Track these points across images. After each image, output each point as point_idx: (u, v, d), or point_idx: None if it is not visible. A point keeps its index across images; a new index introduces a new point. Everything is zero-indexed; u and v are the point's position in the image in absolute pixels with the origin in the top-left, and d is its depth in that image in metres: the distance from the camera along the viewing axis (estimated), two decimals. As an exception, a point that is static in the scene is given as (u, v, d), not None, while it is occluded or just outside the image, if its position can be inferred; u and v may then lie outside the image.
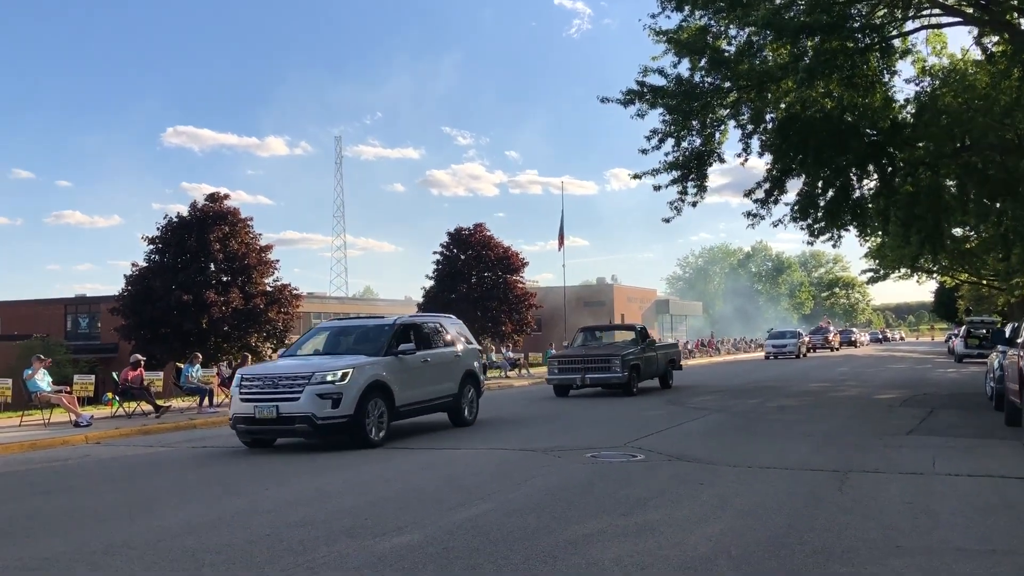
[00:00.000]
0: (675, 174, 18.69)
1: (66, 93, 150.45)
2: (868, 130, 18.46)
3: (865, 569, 5.25)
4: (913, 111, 19.76)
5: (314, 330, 14.82)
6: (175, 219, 34.56)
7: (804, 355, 49.85)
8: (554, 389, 21.17)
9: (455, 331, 15.26)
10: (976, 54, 19.07)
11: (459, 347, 14.90)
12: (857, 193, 20.38)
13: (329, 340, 13.88)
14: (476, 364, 15.34)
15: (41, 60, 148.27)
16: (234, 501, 8.15)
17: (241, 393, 12.06)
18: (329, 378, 11.62)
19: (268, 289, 35.03)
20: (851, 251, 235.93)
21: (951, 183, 22.23)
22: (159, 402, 18.23)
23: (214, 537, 6.55)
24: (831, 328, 70.03)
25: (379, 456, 11.16)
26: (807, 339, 59.33)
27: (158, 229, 34.50)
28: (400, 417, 12.91)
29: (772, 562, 5.44)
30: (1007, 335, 13.31)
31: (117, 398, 18.30)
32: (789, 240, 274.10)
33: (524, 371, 36.66)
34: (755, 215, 19.69)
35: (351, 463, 10.59)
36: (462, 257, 48.65)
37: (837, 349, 64.14)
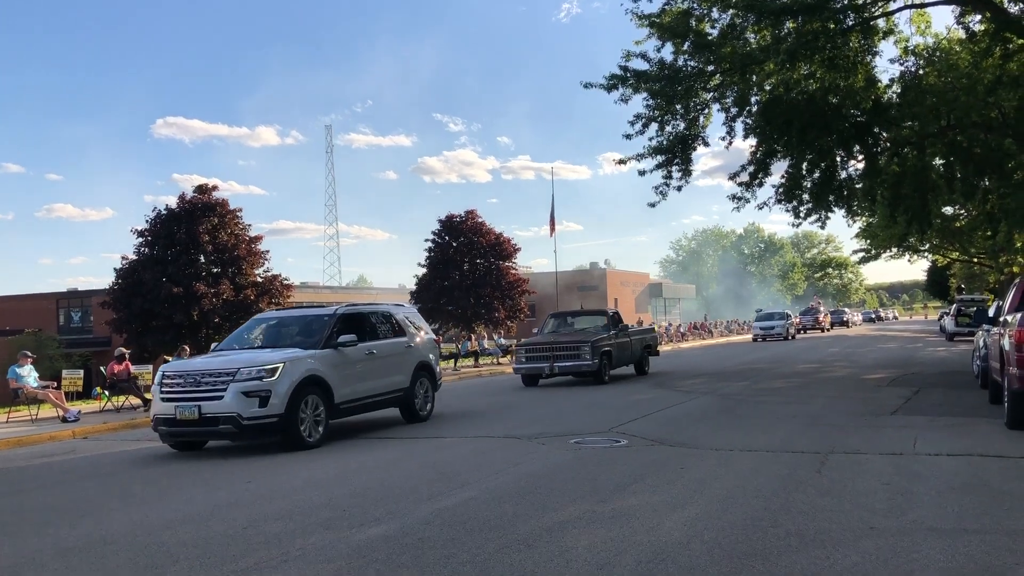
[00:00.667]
0: (660, 159, 18.67)
1: (53, 86, 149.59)
2: (853, 111, 18.43)
3: (836, 551, 5.27)
4: (898, 91, 19.73)
5: (250, 322, 13.65)
6: (164, 211, 34.46)
7: (793, 336, 49.04)
8: (522, 378, 20.18)
9: (407, 320, 14.33)
10: (960, 33, 19.01)
11: (411, 337, 13.99)
12: (843, 174, 20.39)
13: (267, 333, 12.90)
14: (431, 355, 14.48)
15: (27, 53, 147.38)
16: (215, 495, 8.15)
17: (162, 392, 11.17)
18: (256, 374, 10.70)
19: (258, 280, 35.00)
20: (844, 231, 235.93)
21: (938, 162, 22.23)
22: (147, 395, 18.19)
23: (191, 531, 6.55)
24: (821, 308, 69.13)
25: (360, 447, 11.17)
26: (797, 320, 59.32)
27: (147, 222, 34.43)
28: (341, 415, 12.08)
29: (744, 545, 5.46)
30: (991, 314, 13.32)
31: (106, 392, 18.28)
32: (781, 221, 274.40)
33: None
34: (740, 198, 19.70)
35: (333, 453, 10.60)
36: (454, 244, 48.59)
37: (828, 330, 63.48)
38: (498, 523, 6.30)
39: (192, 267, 33.50)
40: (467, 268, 48.32)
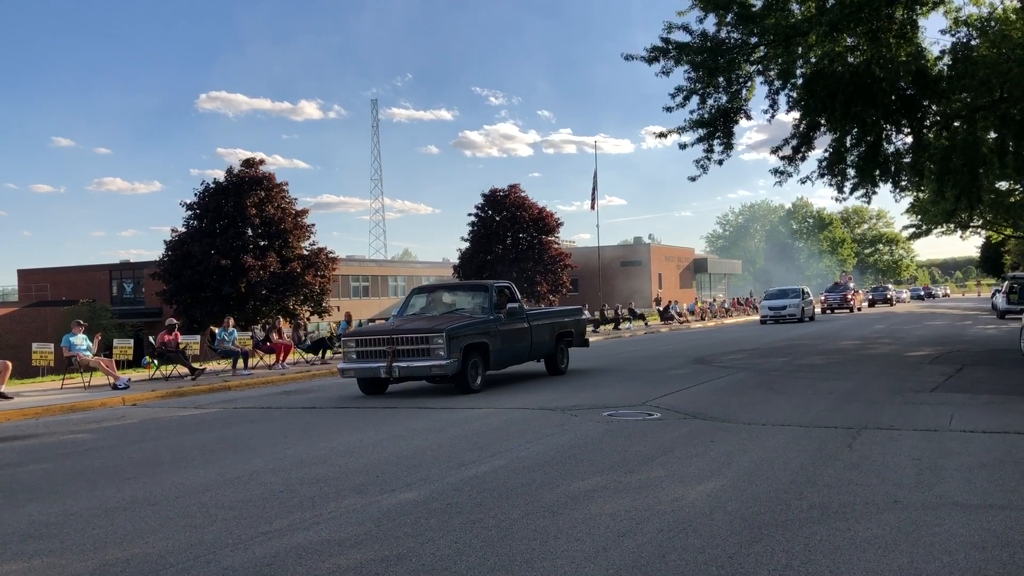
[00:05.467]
0: (701, 132, 18.49)
1: (99, 60, 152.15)
2: (900, 84, 18.05)
3: (858, 523, 5.31)
4: (948, 63, 19.25)
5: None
6: (212, 185, 35.11)
7: (812, 317, 42.49)
8: (358, 384, 14.28)
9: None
10: (1015, 3, 18.47)
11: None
12: (890, 148, 20.01)
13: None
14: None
15: (73, 28, 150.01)
16: (255, 460, 8.41)
17: None
18: None
19: (304, 253, 35.57)
20: (895, 207, 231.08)
21: (990, 136, 21.69)
22: (195, 365, 18.68)
23: (230, 493, 6.79)
24: (851, 285, 60.53)
25: (398, 416, 11.39)
26: (823, 298, 54.59)
27: (196, 195, 35.17)
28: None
29: (766, 516, 5.52)
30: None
31: (155, 361, 18.79)
32: (829, 196, 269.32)
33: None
34: (783, 172, 19.46)
35: (371, 422, 10.83)
36: (497, 218, 48.83)
37: (859, 309, 55.40)
38: (525, 491, 6.44)
39: (240, 240, 34.13)
40: (510, 242, 48.55)
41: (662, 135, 19.40)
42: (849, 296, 54.33)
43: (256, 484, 7.14)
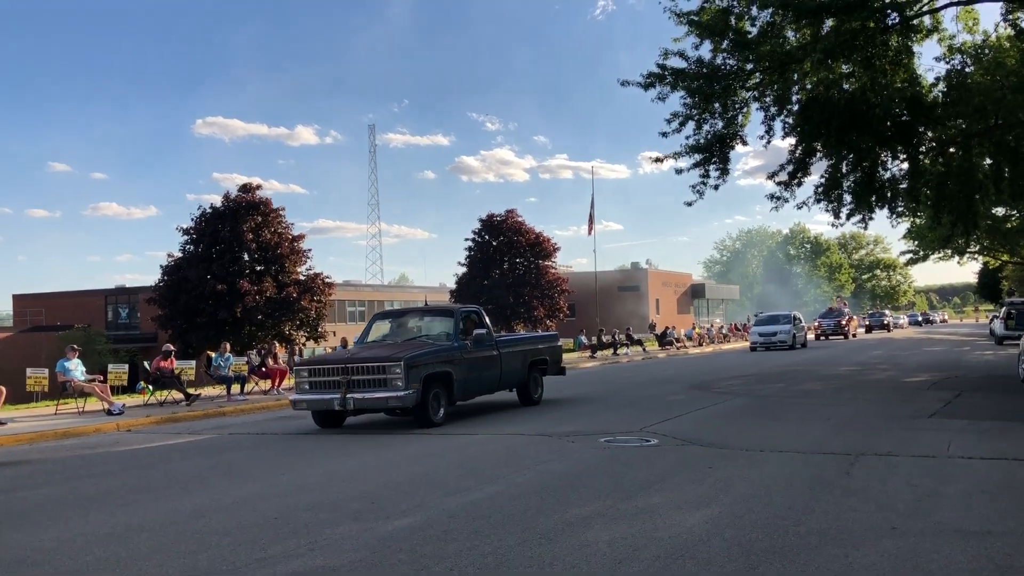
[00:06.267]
0: (697, 157, 18.57)
1: (96, 87, 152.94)
2: (895, 110, 18.17)
3: (856, 550, 5.27)
4: (943, 90, 19.39)
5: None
6: (208, 210, 35.11)
7: (804, 344, 41.22)
8: (312, 417, 13.44)
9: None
10: (1008, 30, 18.62)
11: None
12: (886, 174, 20.11)
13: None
14: None
15: (69, 55, 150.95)
16: (249, 486, 8.36)
17: None
18: None
19: (301, 278, 35.49)
20: (892, 232, 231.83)
21: (985, 162, 21.80)
22: (190, 390, 18.60)
23: (224, 520, 6.74)
24: (846, 310, 58.50)
25: (394, 442, 11.33)
26: (816, 324, 53.77)
27: (192, 220, 35.11)
28: None
29: (764, 543, 5.48)
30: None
31: (150, 387, 18.71)
32: (826, 222, 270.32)
33: (555, 357, 36.62)
34: (779, 197, 19.53)
35: (367, 448, 10.78)
36: (494, 243, 48.85)
37: (853, 336, 54.21)
38: (521, 517, 6.39)
39: (236, 265, 34.08)
40: (507, 267, 48.56)
41: (658, 160, 19.47)
42: (844, 322, 53.49)
43: (250, 510, 7.08)
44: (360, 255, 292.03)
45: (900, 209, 22.96)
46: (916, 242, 49.75)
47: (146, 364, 19.10)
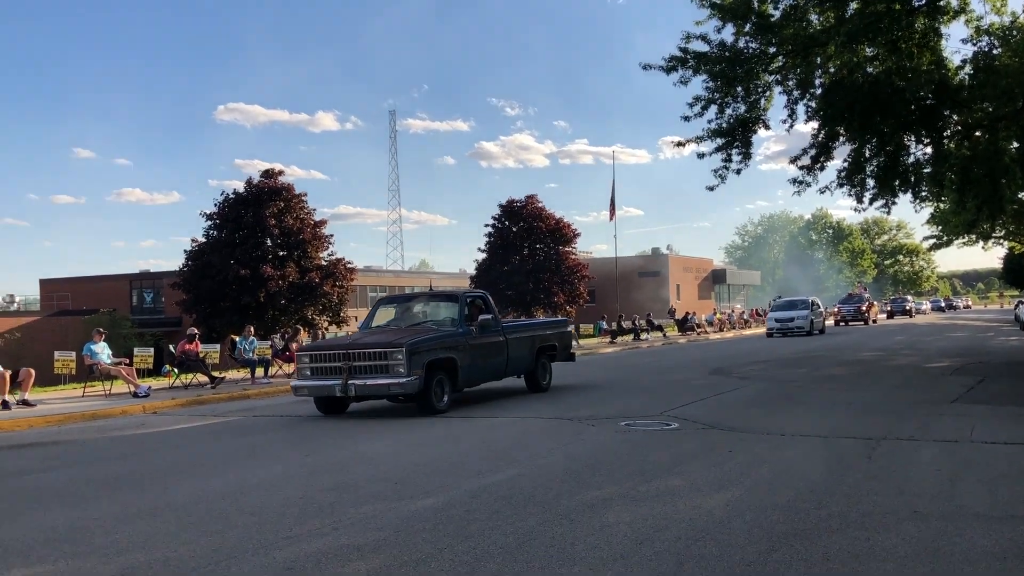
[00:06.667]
0: (719, 141, 18.46)
1: (119, 73, 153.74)
2: (920, 94, 17.95)
3: (877, 533, 5.28)
4: (970, 72, 19.13)
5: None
6: (232, 195, 35.37)
7: (822, 331, 40.43)
8: (315, 403, 13.25)
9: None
10: (1036, 11, 18.36)
11: None
12: (910, 159, 19.89)
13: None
14: None
15: (93, 41, 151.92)
16: (274, 467, 8.47)
17: None
18: None
19: (323, 263, 35.71)
20: (915, 217, 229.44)
21: (1012, 145, 21.51)
22: (214, 374, 18.81)
23: (250, 500, 6.85)
24: (866, 296, 58.34)
25: (415, 424, 11.42)
26: (836, 309, 53.95)
27: (215, 205, 35.41)
28: None
29: (784, 525, 5.50)
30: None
31: (175, 370, 18.94)
32: (849, 207, 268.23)
33: (574, 342, 36.74)
34: (801, 182, 19.38)
35: (388, 432, 10.88)
36: (514, 229, 48.85)
37: (874, 322, 53.50)
38: (542, 499, 6.45)
39: (259, 250, 34.34)
40: (527, 253, 48.55)
41: (680, 144, 19.36)
42: (864, 308, 52.93)
43: (275, 491, 7.19)
44: (380, 241, 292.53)
45: (924, 194, 22.72)
46: (940, 227, 49.19)
47: (171, 348, 19.33)
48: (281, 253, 34.93)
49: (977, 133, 20.18)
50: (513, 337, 14.61)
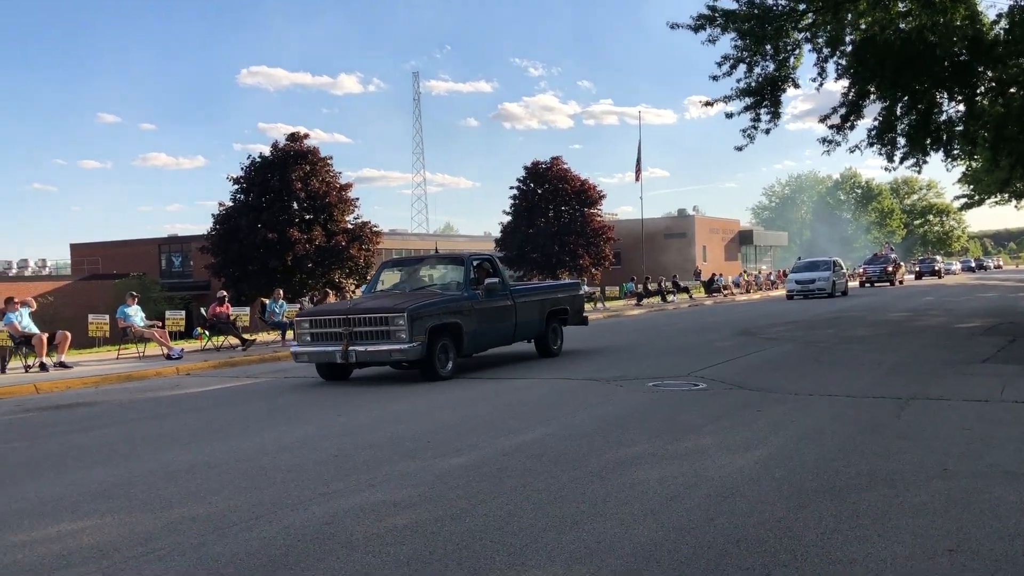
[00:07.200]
0: (748, 101, 18.26)
1: (144, 37, 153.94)
2: (954, 49, 17.62)
3: (907, 490, 5.32)
4: (1005, 27, 18.72)
5: None
6: (258, 159, 35.47)
7: (844, 292, 39.35)
8: (317, 369, 12.98)
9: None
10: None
11: None
12: (942, 116, 19.59)
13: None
14: None
15: (118, 5, 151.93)
16: (307, 427, 8.64)
17: None
18: None
19: (349, 227, 35.83)
20: (946, 177, 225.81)
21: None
22: (245, 336, 19.07)
23: (286, 458, 7.01)
24: (892, 256, 56.62)
25: (446, 386, 11.56)
26: (861, 270, 53.33)
27: (242, 169, 35.49)
28: None
29: (814, 483, 5.56)
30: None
31: (206, 332, 19.23)
32: (878, 166, 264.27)
33: (600, 304, 36.79)
34: (831, 141, 19.17)
35: (417, 393, 11.02)
36: (539, 191, 48.70)
37: (900, 282, 52.21)
38: (573, 457, 6.54)
39: (285, 214, 34.50)
40: (552, 215, 48.44)
41: (708, 104, 19.19)
42: (890, 268, 51.81)
43: (310, 449, 7.35)
44: (405, 204, 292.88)
45: (956, 152, 22.37)
46: (971, 186, 48.42)
47: (202, 310, 19.60)
48: (307, 216, 35.06)
49: (1012, 89, 19.80)
50: (522, 301, 14.28)
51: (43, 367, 14.89)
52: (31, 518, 5.47)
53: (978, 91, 18.97)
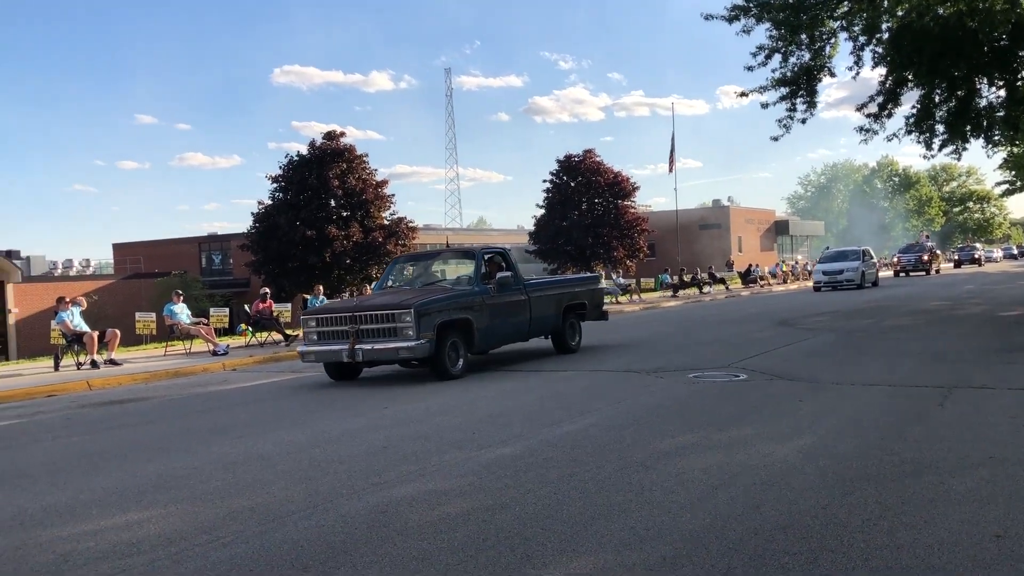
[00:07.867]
0: (783, 91, 18.18)
1: (178, 39, 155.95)
2: (995, 33, 17.39)
3: (951, 477, 5.37)
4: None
5: None
6: (295, 157, 35.94)
7: (875, 283, 37.61)
8: (325, 369, 12.71)
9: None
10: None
11: None
12: (982, 102, 19.34)
13: None
14: None
15: (153, 10, 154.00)
16: (355, 419, 8.85)
17: None
18: None
19: (385, 223, 36.21)
20: (987, 163, 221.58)
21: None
22: (288, 331, 19.39)
23: (337, 449, 7.21)
24: (928, 244, 54.83)
25: (487, 378, 11.71)
26: (895, 259, 52.31)
27: (280, 168, 36.01)
28: None
29: (857, 471, 5.62)
30: None
31: (250, 328, 19.59)
32: (915, 154, 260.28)
33: (636, 296, 36.78)
34: (868, 130, 19.01)
35: (458, 386, 11.18)
36: (572, 184, 48.71)
37: (937, 271, 50.75)
38: (617, 447, 6.66)
39: (323, 211, 34.94)
40: (585, 207, 48.43)
41: (743, 95, 19.14)
42: (925, 257, 50.10)
43: (360, 441, 7.54)
44: (438, 199, 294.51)
45: (997, 138, 22.06)
46: (1013, 172, 47.68)
47: (246, 307, 19.95)
48: (345, 213, 35.49)
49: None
50: (536, 295, 13.92)
51: (94, 364, 15.31)
52: (99, 508, 5.71)
53: (1020, 76, 18.69)
